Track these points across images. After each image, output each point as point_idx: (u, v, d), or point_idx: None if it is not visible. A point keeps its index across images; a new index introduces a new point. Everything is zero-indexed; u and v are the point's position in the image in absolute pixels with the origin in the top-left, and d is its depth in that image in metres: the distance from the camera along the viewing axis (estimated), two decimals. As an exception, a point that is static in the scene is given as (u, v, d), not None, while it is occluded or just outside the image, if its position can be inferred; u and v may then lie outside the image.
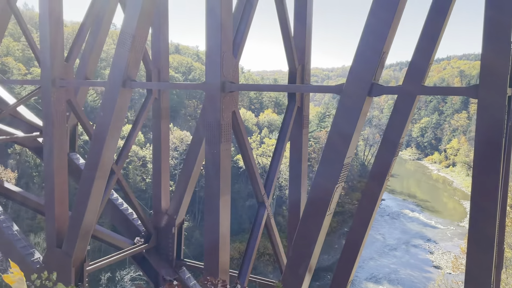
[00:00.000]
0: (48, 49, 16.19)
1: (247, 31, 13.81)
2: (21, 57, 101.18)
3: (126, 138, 19.18)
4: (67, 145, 18.12)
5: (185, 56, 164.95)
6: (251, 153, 14.46)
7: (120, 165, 18.22)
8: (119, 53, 14.13)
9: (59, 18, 16.35)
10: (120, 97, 14.49)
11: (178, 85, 43.19)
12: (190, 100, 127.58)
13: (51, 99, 16.15)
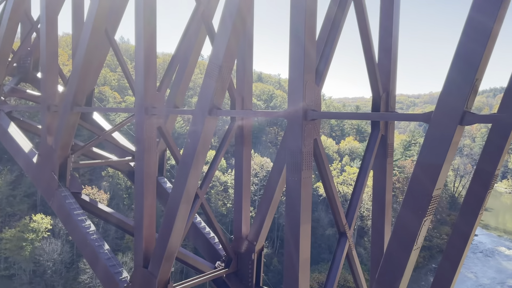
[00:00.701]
0: (142, 79, 17.39)
1: (331, 58, 13.82)
2: (116, 86, 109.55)
3: (210, 164, 19.83)
4: (156, 170, 19.07)
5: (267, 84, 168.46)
6: (332, 181, 14.22)
7: (204, 189, 18.79)
8: (207, 83, 14.79)
9: (152, 51, 17.55)
10: (206, 124, 15.11)
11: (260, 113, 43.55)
12: (271, 127, 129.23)
13: (143, 126, 17.22)
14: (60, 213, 22.31)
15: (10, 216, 77.05)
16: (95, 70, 23.60)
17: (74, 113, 21.94)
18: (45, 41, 23.64)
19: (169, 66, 21.12)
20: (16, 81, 36.15)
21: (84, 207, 22.43)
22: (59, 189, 22.09)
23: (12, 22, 27.07)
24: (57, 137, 22.43)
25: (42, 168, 23.48)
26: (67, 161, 22.69)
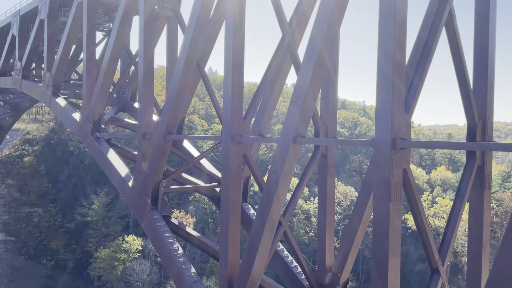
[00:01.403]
0: (229, 109, 18.04)
1: (421, 85, 13.35)
2: (204, 114, 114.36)
3: (293, 192, 19.82)
4: (241, 196, 19.45)
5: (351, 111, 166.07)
6: (423, 213, 13.52)
7: (287, 217, 18.76)
8: (291, 111, 14.98)
9: (240, 82, 18.21)
10: (290, 152, 15.22)
11: (346, 142, 43.22)
12: (355, 155, 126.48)
13: (230, 153, 17.76)
14: (151, 235, 23.46)
15: (105, 236, 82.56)
16: (186, 100, 24.91)
17: (167, 141, 23.22)
18: (142, 73, 25.51)
19: (255, 95, 21.73)
20: (115, 111, 39.29)
21: (173, 230, 23.42)
22: (151, 212, 23.32)
23: (113, 57, 29.58)
24: (151, 163, 23.81)
25: (137, 192, 24.97)
26: (159, 186, 23.94)
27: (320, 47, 14.16)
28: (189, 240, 25.09)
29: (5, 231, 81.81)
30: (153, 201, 24.09)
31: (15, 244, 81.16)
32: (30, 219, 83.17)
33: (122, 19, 27.43)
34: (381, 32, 11.97)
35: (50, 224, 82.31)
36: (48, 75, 36.36)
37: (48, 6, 35.65)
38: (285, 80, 22.09)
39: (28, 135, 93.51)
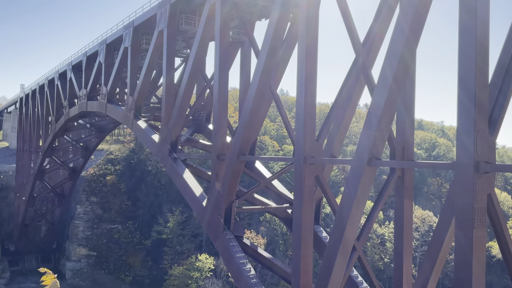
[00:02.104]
0: (301, 130, 18.09)
1: (507, 105, 12.57)
2: (275, 135, 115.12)
3: (368, 215, 19.28)
4: (313, 218, 19.27)
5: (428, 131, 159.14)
6: (510, 241, 12.55)
7: (362, 241, 18.27)
8: (366, 133, 14.72)
9: (312, 104, 18.25)
10: (365, 175, 14.89)
11: (424, 164, 41.46)
12: (433, 178, 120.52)
13: (302, 175, 17.73)
14: (224, 255, 23.84)
15: (179, 254, 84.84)
16: (259, 121, 25.36)
17: (240, 162, 23.68)
18: (217, 96, 26.40)
19: (327, 116, 21.64)
20: (191, 132, 40.82)
21: (245, 250, 23.64)
22: (224, 232, 23.75)
23: (190, 81, 30.94)
24: (224, 183, 24.36)
25: (210, 211, 25.59)
26: (232, 206, 24.38)
27: (396, 67, 13.87)
28: (260, 261, 25.15)
29: (88, 246, 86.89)
30: (225, 221, 24.54)
31: (97, 258, 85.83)
32: (110, 235, 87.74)
33: (199, 45, 28.72)
34: (461, 49, 11.51)
35: (128, 241, 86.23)
36: (131, 99, 38.71)
37: (132, 35, 38.21)
38: (358, 101, 21.81)
39: (111, 155, 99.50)
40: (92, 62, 51.41)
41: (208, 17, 27.25)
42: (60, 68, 63.75)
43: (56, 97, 65.07)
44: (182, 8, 31.98)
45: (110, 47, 45.29)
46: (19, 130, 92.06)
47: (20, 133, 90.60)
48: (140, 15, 37.79)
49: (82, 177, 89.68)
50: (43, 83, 72.91)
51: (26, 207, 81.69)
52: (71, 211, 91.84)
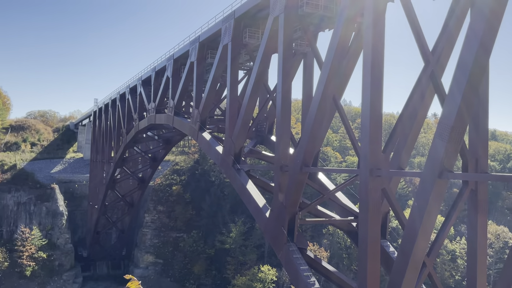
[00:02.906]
0: (367, 141, 17.72)
1: None
2: (338, 146, 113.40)
3: (438, 230, 18.44)
4: (379, 232, 18.73)
5: (502, 142, 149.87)
6: None
7: (432, 258, 17.50)
8: (436, 144, 14.15)
9: (378, 115, 17.83)
10: (436, 188, 14.30)
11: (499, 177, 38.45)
12: (508, 192, 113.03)
13: (367, 187, 17.32)
14: (288, 267, 23.73)
15: (242, 264, 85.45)
16: (322, 132, 25.14)
17: (303, 173, 23.57)
18: (280, 108, 26.56)
19: (394, 127, 21.03)
20: (254, 143, 41.28)
21: (309, 263, 23.40)
22: (288, 243, 23.66)
23: (253, 93, 31.38)
24: (288, 195, 24.33)
25: (273, 222, 25.62)
26: (295, 218, 24.27)
27: (468, 76, 13.26)
28: (325, 274, 24.75)
29: (155, 253, 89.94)
30: (289, 233, 24.45)
31: (163, 266, 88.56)
32: (176, 243, 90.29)
33: (262, 58, 29.12)
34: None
35: (193, 249, 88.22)
36: (196, 111, 39.89)
37: (198, 50, 39.50)
38: (428, 111, 21.04)
39: (176, 166, 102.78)
40: (160, 76, 53.67)
41: (271, 30, 27.60)
42: (131, 82, 67.13)
43: (127, 111, 68.51)
44: (246, 22, 32.65)
45: (177, 62, 47.08)
46: (93, 142, 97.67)
47: (94, 145, 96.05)
48: (206, 30, 39.01)
49: (150, 187, 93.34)
50: (115, 97, 77.03)
51: (98, 215, 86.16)
52: (139, 219, 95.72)
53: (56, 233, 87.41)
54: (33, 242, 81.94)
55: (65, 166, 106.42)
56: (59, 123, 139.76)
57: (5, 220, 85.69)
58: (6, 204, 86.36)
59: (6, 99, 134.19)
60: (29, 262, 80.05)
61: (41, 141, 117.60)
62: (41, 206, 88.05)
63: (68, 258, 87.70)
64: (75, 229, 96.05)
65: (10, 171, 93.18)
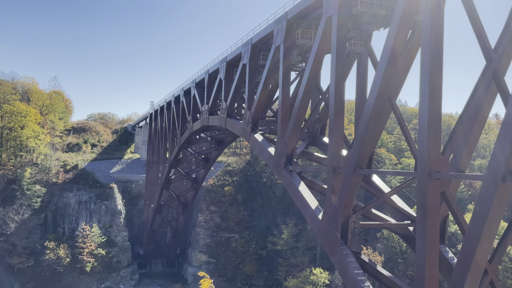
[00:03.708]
0: (425, 143, 17.12)
1: None
2: (392, 148, 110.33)
3: (501, 236, 17.52)
4: (438, 237, 18.04)
5: None
6: None
7: (495, 264, 16.65)
8: (500, 146, 13.45)
9: (437, 115, 17.18)
10: (499, 192, 13.59)
11: None
12: None
13: (426, 190, 16.73)
14: (341, 270, 23.37)
15: (293, 266, 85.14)
16: (377, 133, 24.56)
17: (357, 175, 23.16)
18: (333, 109, 26.24)
19: (454, 128, 20.19)
20: (306, 145, 41.01)
21: (363, 267, 22.93)
22: (341, 246, 23.31)
23: (306, 94, 31.20)
24: (341, 197, 23.98)
25: (326, 225, 25.33)
26: (348, 220, 23.87)
27: (536, 73, 12.52)
28: (379, 279, 24.14)
29: (208, 253, 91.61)
30: (342, 236, 24.08)
31: (216, 265, 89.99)
32: (228, 243, 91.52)
33: (315, 58, 28.91)
34: None
35: (245, 250, 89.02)
36: (248, 113, 40.23)
37: (250, 52, 39.84)
38: (490, 112, 20.03)
39: (229, 167, 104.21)
40: (213, 79, 54.62)
41: (324, 30, 27.35)
42: (185, 85, 68.80)
43: (181, 112, 70.26)
44: (298, 23, 32.56)
45: (229, 65, 47.72)
46: (149, 143, 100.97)
47: (150, 146, 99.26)
48: (258, 33, 39.27)
49: (203, 187, 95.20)
50: (170, 100, 79.24)
51: (154, 214, 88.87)
52: (193, 219, 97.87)
53: (114, 231, 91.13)
54: (93, 239, 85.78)
55: (123, 167, 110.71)
56: (118, 125, 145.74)
57: (67, 217, 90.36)
58: (68, 203, 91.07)
59: (68, 102, 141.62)
60: (89, 258, 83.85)
61: (101, 142, 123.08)
62: (101, 204, 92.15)
63: (125, 255, 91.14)
64: (132, 228, 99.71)
65: (72, 171, 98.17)
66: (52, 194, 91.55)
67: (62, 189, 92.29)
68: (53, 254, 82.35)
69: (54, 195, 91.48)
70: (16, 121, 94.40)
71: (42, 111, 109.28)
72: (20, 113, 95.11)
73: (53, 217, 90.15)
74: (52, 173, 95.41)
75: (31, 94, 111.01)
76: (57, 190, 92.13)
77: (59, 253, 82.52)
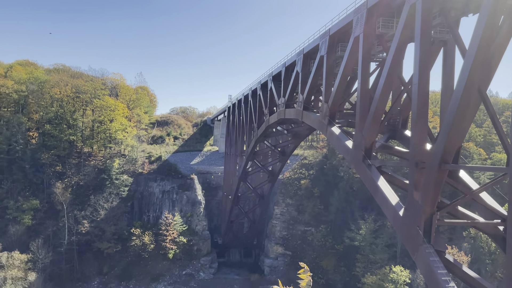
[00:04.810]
0: (520, 136, 15.74)
1: None
2: (481, 142, 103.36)
3: None
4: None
5: None
6: None
7: None
8: None
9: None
10: None
11: None
12: None
13: (520, 188, 15.40)
14: (424, 270, 22.31)
15: (372, 263, 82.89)
16: (464, 126, 23.03)
17: (442, 170, 21.90)
18: (416, 100, 24.98)
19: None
20: (386, 138, 39.53)
21: (447, 266, 21.71)
22: (424, 245, 22.23)
23: (386, 86, 30.01)
24: (424, 193, 22.84)
25: (408, 222, 24.28)
26: (432, 218, 22.70)
27: None
28: (465, 280, 22.74)
29: (284, 245, 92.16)
30: (425, 233, 22.96)
31: (292, 258, 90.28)
32: (304, 237, 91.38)
33: (397, 48, 27.70)
34: None
35: (321, 244, 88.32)
36: (325, 106, 39.60)
37: (328, 43, 39.11)
38: None
39: (305, 160, 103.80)
40: (290, 72, 54.43)
41: (407, 18, 26.09)
42: (262, 78, 69.38)
43: (258, 106, 70.98)
44: (379, 11, 31.37)
45: (306, 57, 47.26)
46: (227, 136, 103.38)
47: (228, 139, 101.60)
48: (336, 23, 38.41)
49: (279, 180, 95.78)
50: (247, 93, 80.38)
51: (232, 205, 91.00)
52: (269, 211, 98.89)
53: (195, 220, 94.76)
54: (175, 227, 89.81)
55: (203, 159, 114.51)
56: (198, 118, 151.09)
57: (152, 206, 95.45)
58: (153, 192, 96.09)
59: (153, 96, 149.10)
60: (172, 246, 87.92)
61: (182, 135, 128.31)
62: (182, 194, 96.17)
63: (205, 244, 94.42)
64: (211, 218, 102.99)
65: (156, 162, 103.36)
66: (138, 183, 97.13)
67: (147, 179, 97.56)
68: (139, 240, 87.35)
69: (139, 184, 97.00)
70: (105, 114, 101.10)
71: (129, 105, 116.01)
72: (109, 107, 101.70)
73: (139, 205, 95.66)
74: (138, 163, 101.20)
75: (119, 89, 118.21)
76: (143, 180, 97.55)
77: (144, 239, 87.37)
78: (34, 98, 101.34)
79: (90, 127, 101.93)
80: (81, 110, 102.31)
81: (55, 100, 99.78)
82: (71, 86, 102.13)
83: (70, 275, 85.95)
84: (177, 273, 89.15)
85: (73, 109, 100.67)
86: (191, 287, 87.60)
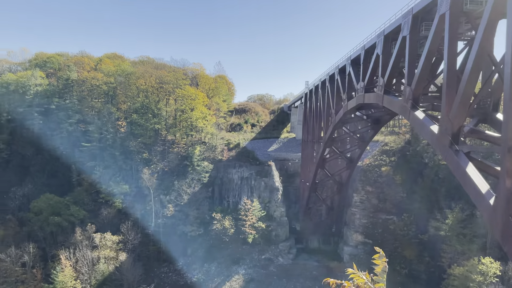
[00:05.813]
0: None
1: None
2: None
3: None
4: None
5: None
6: None
7: None
8: None
9: None
10: None
11: None
12: None
13: None
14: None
15: (459, 254, 78.52)
16: None
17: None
18: (509, 81, 23.00)
19: None
20: (475, 122, 36.97)
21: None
22: (518, 236, 20.62)
23: (475, 66, 27.93)
24: (519, 181, 21.12)
25: (499, 212, 22.63)
26: (528, 208, 20.95)
27: None
28: None
29: (364, 233, 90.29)
30: (520, 225, 21.26)
31: (372, 247, 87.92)
32: (386, 225, 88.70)
33: (487, 25, 25.66)
34: None
35: (404, 233, 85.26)
36: (408, 89, 37.83)
37: (411, 23, 37.20)
38: None
39: (386, 146, 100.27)
40: (370, 55, 52.63)
41: (499, -9, 23.99)
42: (340, 63, 67.85)
43: (336, 91, 69.64)
44: (467, -14, 29.21)
45: (387, 38, 45.36)
46: (304, 123, 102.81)
47: (305, 125, 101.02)
48: (420, 1, 36.36)
49: (358, 167, 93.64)
50: (324, 79, 79.12)
51: (310, 192, 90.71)
52: (348, 198, 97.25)
53: (272, 206, 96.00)
54: (254, 213, 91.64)
55: (280, 145, 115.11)
56: (274, 105, 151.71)
57: (231, 192, 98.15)
58: (232, 178, 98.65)
59: (231, 85, 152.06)
60: (251, 231, 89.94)
61: (260, 122, 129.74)
62: (260, 181, 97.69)
63: (283, 230, 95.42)
64: (288, 204, 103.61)
65: (235, 149, 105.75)
66: (218, 170, 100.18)
67: (226, 166, 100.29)
68: (220, 224, 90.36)
69: (219, 171, 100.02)
70: (187, 103, 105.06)
71: (208, 94, 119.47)
72: (190, 97, 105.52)
73: (219, 191, 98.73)
74: (217, 151, 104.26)
75: (199, 79, 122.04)
76: (222, 166, 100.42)
77: (225, 224, 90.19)
78: (122, 89, 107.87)
79: (173, 116, 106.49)
80: (165, 99, 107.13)
81: (141, 91, 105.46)
82: (155, 77, 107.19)
83: (157, 255, 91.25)
84: (257, 257, 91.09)
85: (157, 99, 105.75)
86: (270, 271, 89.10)
